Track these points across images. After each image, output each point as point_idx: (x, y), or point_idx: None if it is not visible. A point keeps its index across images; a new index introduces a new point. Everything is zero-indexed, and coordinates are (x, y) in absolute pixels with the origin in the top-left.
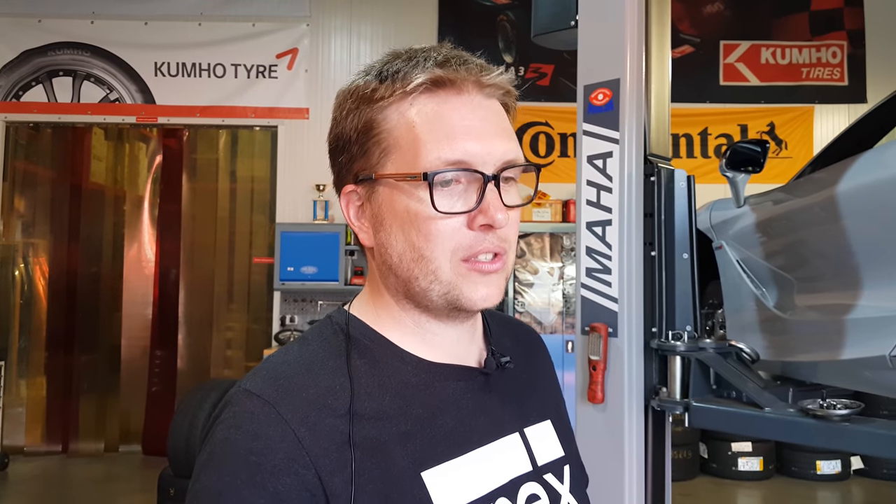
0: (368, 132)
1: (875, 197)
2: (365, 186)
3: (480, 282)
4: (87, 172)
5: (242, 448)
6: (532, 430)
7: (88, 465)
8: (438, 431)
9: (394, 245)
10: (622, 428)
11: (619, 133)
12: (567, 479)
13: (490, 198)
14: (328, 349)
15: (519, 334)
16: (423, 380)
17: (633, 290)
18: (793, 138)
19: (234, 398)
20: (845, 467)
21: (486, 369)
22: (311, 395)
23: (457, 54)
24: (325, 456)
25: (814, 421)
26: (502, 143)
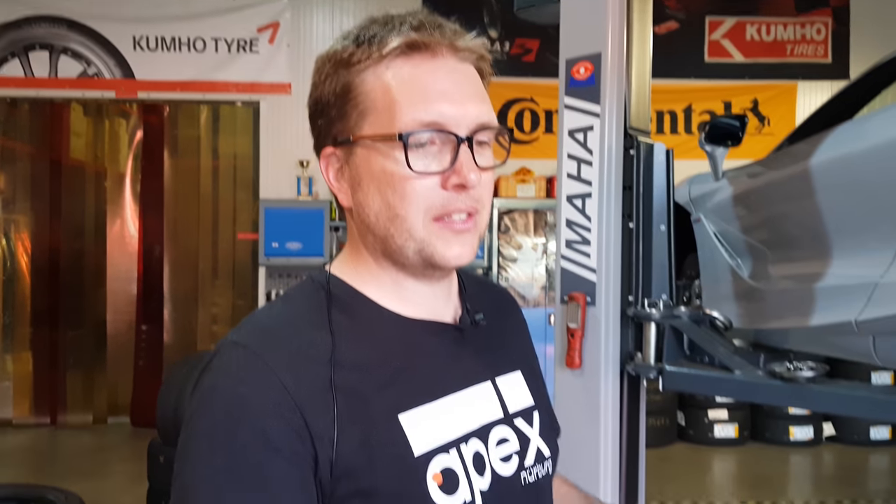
0: (346, 95)
1: (846, 169)
2: (343, 149)
3: (453, 240)
4: (66, 148)
5: (231, 393)
6: (503, 380)
7: (78, 436)
8: (414, 379)
9: (371, 205)
10: (598, 392)
11: (600, 107)
12: (536, 424)
13: (463, 159)
14: (310, 305)
15: (493, 294)
16: (400, 334)
17: (611, 261)
18: (776, 115)
19: (221, 349)
20: (817, 433)
21: (460, 325)
22: (295, 346)
23: (432, 19)
24: (309, 400)
25: (781, 383)
26: (475, 106)
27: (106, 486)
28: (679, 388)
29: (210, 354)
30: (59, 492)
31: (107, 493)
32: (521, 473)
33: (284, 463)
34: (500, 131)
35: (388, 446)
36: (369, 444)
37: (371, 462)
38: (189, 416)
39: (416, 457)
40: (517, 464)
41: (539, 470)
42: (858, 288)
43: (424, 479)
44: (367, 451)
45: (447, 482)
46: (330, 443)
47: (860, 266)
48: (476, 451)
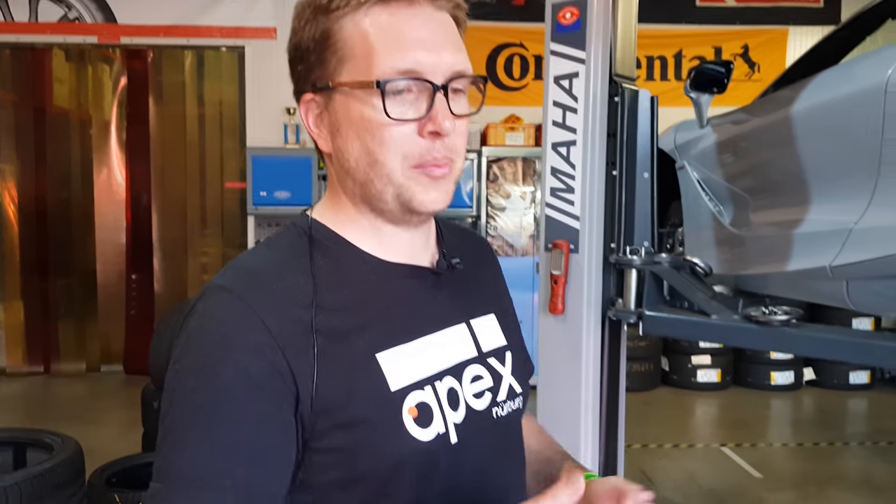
0: (325, 42)
1: (825, 116)
2: (322, 95)
3: (430, 186)
4: (49, 96)
5: (217, 334)
6: (477, 322)
7: (71, 384)
8: (392, 321)
9: (350, 150)
10: (580, 337)
11: (586, 53)
12: (509, 363)
13: (438, 106)
14: (292, 249)
15: (469, 240)
16: (379, 277)
17: (594, 209)
18: (766, 61)
19: (206, 292)
20: (798, 378)
21: (437, 269)
22: (278, 290)
23: None
24: (290, 341)
25: (756, 326)
26: (451, 54)
27: (101, 432)
28: (658, 332)
29: (195, 297)
30: (56, 436)
31: (102, 439)
32: (493, 408)
33: (266, 400)
34: (476, 79)
35: (366, 383)
36: (348, 382)
37: (350, 398)
38: (175, 356)
39: (393, 392)
40: (490, 399)
41: (511, 405)
42: (833, 234)
43: (400, 412)
44: (345, 388)
45: (422, 415)
46: (310, 381)
47: (836, 212)
48: (450, 387)
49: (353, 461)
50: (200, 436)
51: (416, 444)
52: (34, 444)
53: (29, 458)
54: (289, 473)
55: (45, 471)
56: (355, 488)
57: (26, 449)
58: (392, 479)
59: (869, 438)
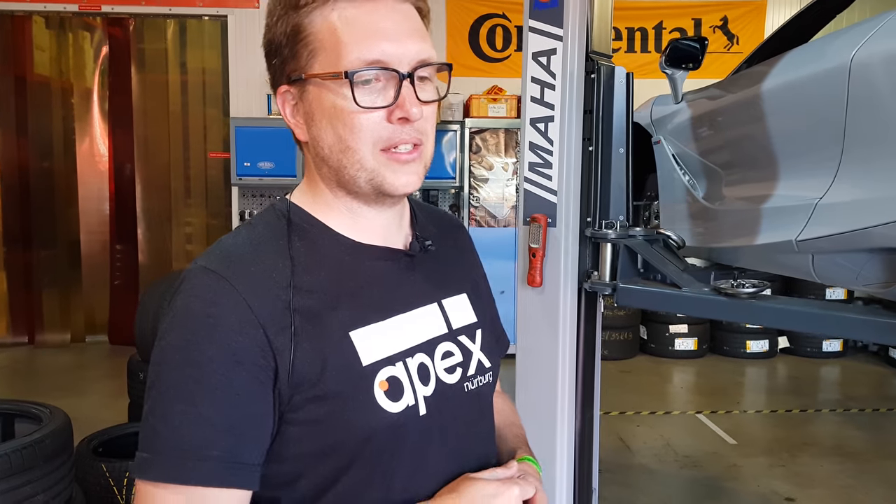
0: (296, 36)
1: (793, 93)
2: (297, 86)
3: (400, 170)
4: (30, 64)
5: (202, 313)
6: (449, 301)
7: (56, 354)
8: (366, 300)
9: (324, 138)
10: (557, 308)
11: (563, 30)
12: (479, 340)
13: (405, 93)
14: (272, 232)
15: (442, 222)
16: (354, 258)
17: (571, 184)
18: (745, 33)
19: (191, 274)
20: (772, 346)
21: (410, 251)
22: (258, 271)
23: None
24: (270, 319)
25: (724, 298)
26: (415, 43)
27: (87, 402)
28: (631, 303)
29: (181, 277)
30: (44, 407)
31: (88, 409)
32: (464, 383)
33: (248, 374)
34: (441, 67)
35: (339, 359)
36: (322, 357)
37: (323, 372)
38: (162, 332)
39: (364, 367)
40: (460, 374)
41: (480, 380)
42: (799, 209)
43: (371, 387)
44: (320, 363)
45: (392, 389)
46: (288, 357)
47: (802, 188)
48: (421, 362)
49: (326, 433)
50: (186, 408)
51: (386, 415)
52: (22, 414)
53: (17, 430)
54: (267, 444)
55: (34, 441)
56: (327, 459)
57: (14, 420)
58: (362, 450)
59: (840, 405)
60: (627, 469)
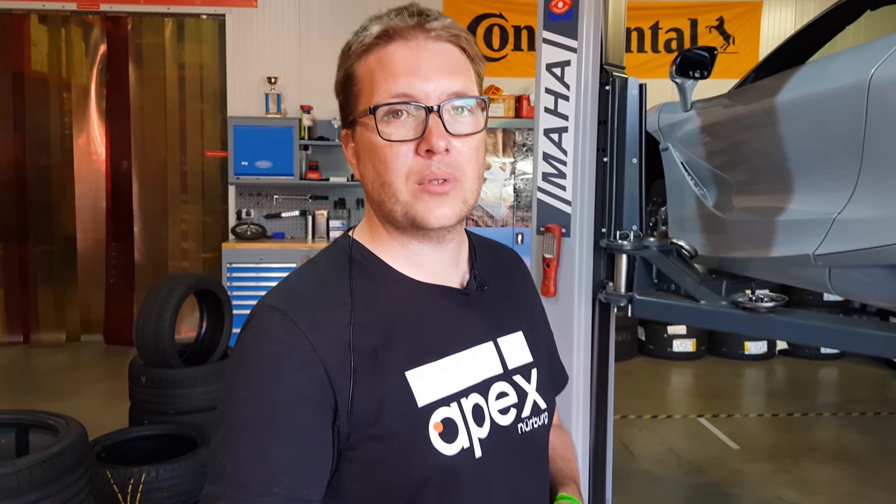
0: (347, 83)
1: (810, 108)
2: (351, 129)
3: (432, 202)
4: (28, 61)
5: (266, 351)
6: (504, 340)
7: (51, 354)
8: (421, 339)
9: (367, 174)
10: (572, 319)
11: (578, 42)
12: (534, 380)
13: (432, 126)
14: (334, 269)
15: (501, 257)
16: (410, 296)
17: (585, 194)
18: (741, 33)
19: (258, 312)
20: (771, 348)
21: (466, 290)
22: (320, 309)
23: (413, 8)
24: (331, 357)
25: (743, 313)
26: (445, 78)
27: (85, 404)
28: (648, 315)
29: (250, 314)
30: (60, 417)
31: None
32: (518, 424)
33: (310, 413)
34: (478, 101)
35: (395, 398)
36: (380, 397)
37: (380, 412)
38: (230, 368)
39: (420, 407)
40: (515, 415)
41: (536, 421)
42: (817, 223)
43: (427, 427)
44: (377, 403)
45: (447, 430)
46: (347, 395)
47: (819, 203)
48: (476, 403)
49: (381, 472)
50: (250, 445)
51: (441, 458)
52: (37, 425)
53: (32, 441)
54: (326, 480)
55: (53, 455)
56: (383, 499)
57: (28, 430)
58: (417, 491)
59: (841, 409)
60: (631, 475)
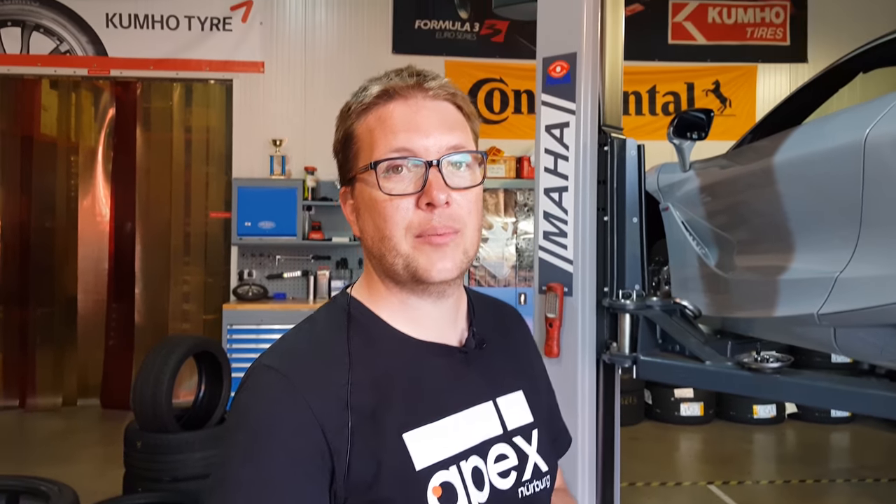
0: (347, 141)
1: (807, 168)
2: (350, 186)
3: (433, 254)
4: (37, 124)
5: (263, 411)
6: (504, 400)
7: (47, 419)
8: (419, 399)
9: (367, 230)
10: (576, 380)
11: (576, 104)
12: (535, 441)
13: (432, 179)
14: (332, 327)
15: (500, 314)
16: (409, 355)
17: (587, 253)
18: (737, 96)
19: (255, 372)
20: (780, 411)
21: (464, 348)
22: (318, 368)
23: (411, 69)
24: (329, 419)
25: (749, 373)
26: (443, 133)
27: (78, 470)
28: (652, 377)
29: (245, 374)
30: (53, 484)
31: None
32: (518, 488)
33: (306, 475)
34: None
35: (393, 462)
36: (377, 460)
37: (378, 476)
38: (229, 429)
39: (418, 471)
40: (515, 478)
41: (537, 484)
42: (819, 282)
43: (425, 493)
44: (374, 466)
45: (446, 495)
46: (345, 458)
47: (821, 262)
48: (475, 466)
49: None
50: None
51: None
52: (28, 491)
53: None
54: None
55: None
56: None
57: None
58: None
59: (854, 475)
60: None
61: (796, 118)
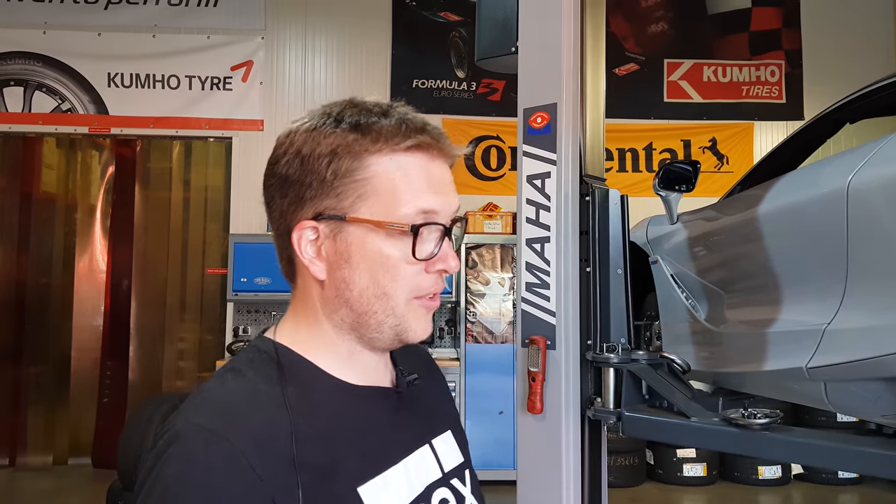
0: (346, 177)
1: (792, 216)
2: (328, 224)
3: (424, 318)
4: (37, 182)
5: (199, 482)
6: (438, 441)
7: (37, 478)
8: (367, 450)
9: (357, 282)
10: (560, 437)
11: (556, 155)
12: (468, 481)
13: (445, 247)
14: (262, 378)
15: (415, 353)
16: (350, 402)
17: (570, 305)
18: (734, 153)
19: (182, 433)
20: (786, 472)
21: (398, 388)
22: (257, 424)
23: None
24: (276, 481)
25: (736, 429)
26: (455, 198)
27: None
28: (638, 434)
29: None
30: None
31: None
32: None
33: None
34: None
35: None
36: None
37: None
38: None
39: None
40: None
41: None
42: (807, 334)
43: None
44: None
45: None
46: None
47: (808, 313)
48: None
49: None
50: None
51: None
52: None
53: None
54: None
55: None
56: None
57: None
58: None
59: None
60: None
61: (784, 169)
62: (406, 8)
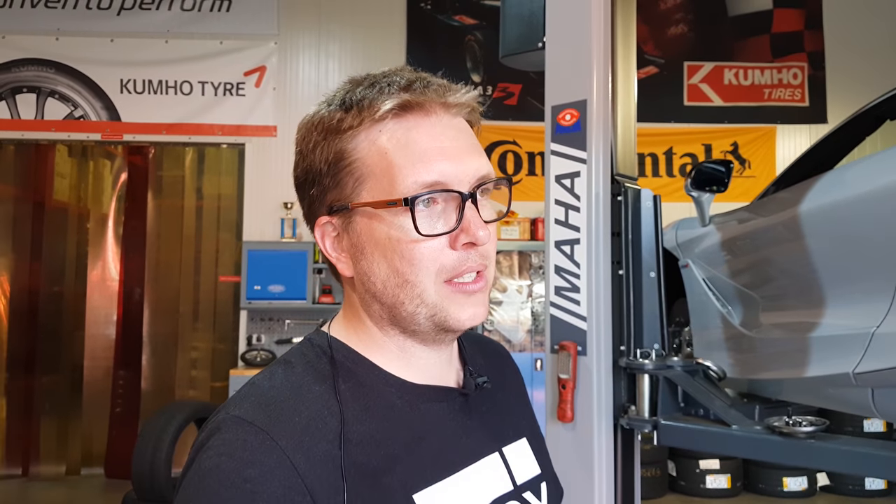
0: (339, 163)
1: (835, 217)
2: (340, 217)
3: (466, 302)
4: (50, 190)
5: (237, 476)
6: (510, 449)
7: (49, 488)
8: (425, 454)
9: (377, 272)
10: (592, 447)
11: (587, 153)
12: (544, 496)
13: (469, 215)
14: (313, 373)
15: (489, 352)
16: (407, 402)
17: (601, 309)
18: (756, 157)
19: (223, 425)
20: (811, 484)
21: (465, 390)
22: (303, 421)
23: (419, 76)
24: (319, 482)
25: (780, 438)
26: (474, 160)
27: None
28: (675, 443)
29: (207, 430)
30: None
31: None
32: None
33: None
34: (499, 182)
35: None
36: None
37: None
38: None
39: None
40: None
41: None
42: (854, 338)
43: None
44: None
45: None
46: None
47: (854, 316)
48: None
49: None
50: None
51: None
52: None
53: None
54: None
55: None
56: None
57: None
58: None
59: None
60: None
61: (820, 170)
62: (421, 12)
